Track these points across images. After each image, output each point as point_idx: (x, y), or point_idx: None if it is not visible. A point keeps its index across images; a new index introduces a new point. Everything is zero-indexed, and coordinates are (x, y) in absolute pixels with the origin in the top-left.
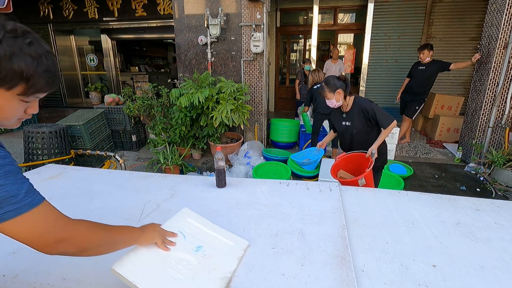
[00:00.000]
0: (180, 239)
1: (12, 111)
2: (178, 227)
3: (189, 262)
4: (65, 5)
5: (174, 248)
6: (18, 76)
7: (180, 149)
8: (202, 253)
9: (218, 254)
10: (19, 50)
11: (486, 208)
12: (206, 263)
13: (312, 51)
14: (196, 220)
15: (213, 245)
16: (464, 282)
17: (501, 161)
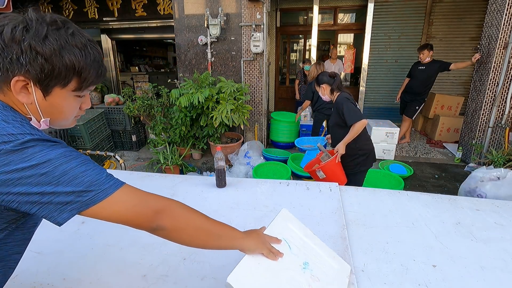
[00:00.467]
0: (286, 250)
1: (70, 110)
2: (281, 234)
3: (300, 284)
4: (65, 5)
5: (283, 262)
6: (72, 71)
7: (180, 149)
8: (310, 273)
9: (325, 277)
10: (65, 43)
11: (486, 208)
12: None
13: (312, 51)
14: (295, 227)
15: (318, 264)
16: (464, 282)
17: (501, 161)
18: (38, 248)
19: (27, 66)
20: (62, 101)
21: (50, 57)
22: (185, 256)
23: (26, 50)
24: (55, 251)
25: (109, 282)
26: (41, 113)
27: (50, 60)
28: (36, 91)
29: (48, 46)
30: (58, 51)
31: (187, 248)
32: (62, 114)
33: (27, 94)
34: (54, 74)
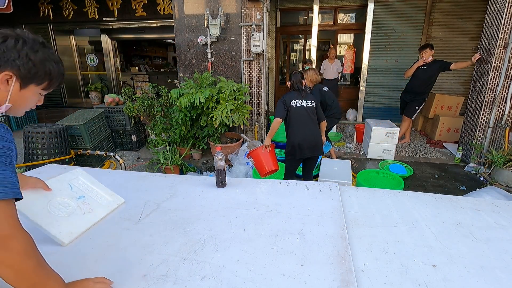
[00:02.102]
0: (68, 190)
1: (32, 102)
2: (67, 181)
3: (69, 204)
4: (65, 5)
5: (60, 194)
6: (48, 75)
7: (180, 149)
8: (83, 201)
9: (96, 203)
10: (48, 57)
11: (486, 208)
12: (83, 207)
13: (312, 51)
14: (86, 179)
15: (93, 197)
16: (464, 282)
17: (501, 161)
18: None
19: (19, 66)
20: (31, 95)
21: (37, 63)
22: (185, 256)
23: (22, 56)
24: (55, 251)
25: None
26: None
27: (37, 65)
28: (15, 84)
29: (38, 57)
30: (43, 60)
31: (187, 248)
32: (25, 104)
33: (5, 86)
34: (36, 75)
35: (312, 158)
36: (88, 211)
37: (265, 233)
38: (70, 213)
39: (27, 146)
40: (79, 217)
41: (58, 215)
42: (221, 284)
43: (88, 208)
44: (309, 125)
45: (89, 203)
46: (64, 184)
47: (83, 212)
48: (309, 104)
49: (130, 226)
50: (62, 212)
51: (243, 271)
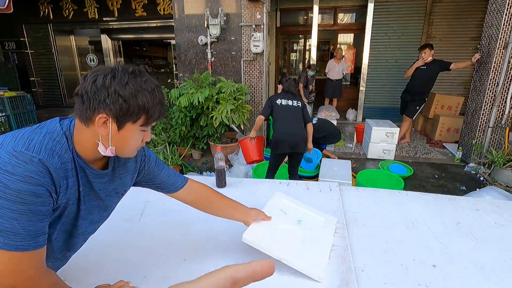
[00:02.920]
0: (283, 216)
1: (135, 141)
2: (277, 207)
3: (294, 231)
4: (65, 5)
5: (281, 223)
6: (142, 110)
7: (180, 149)
8: (304, 225)
9: (316, 226)
10: (140, 88)
11: (486, 208)
12: (310, 232)
13: (312, 51)
14: (289, 201)
15: (310, 220)
16: (464, 282)
17: (501, 161)
18: None
19: (110, 106)
20: (131, 134)
21: (128, 99)
22: (185, 257)
23: (111, 94)
24: None
25: (110, 282)
26: (111, 143)
27: (128, 101)
28: (112, 125)
29: (128, 90)
30: (135, 94)
31: (187, 249)
32: (128, 145)
33: (105, 128)
34: (129, 112)
35: (295, 155)
36: (316, 236)
37: None
38: (302, 240)
39: None
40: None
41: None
42: None
43: (314, 233)
44: (291, 122)
45: (310, 228)
46: (276, 211)
47: (313, 238)
48: (295, 104)
49: (130, 226)
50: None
51: None
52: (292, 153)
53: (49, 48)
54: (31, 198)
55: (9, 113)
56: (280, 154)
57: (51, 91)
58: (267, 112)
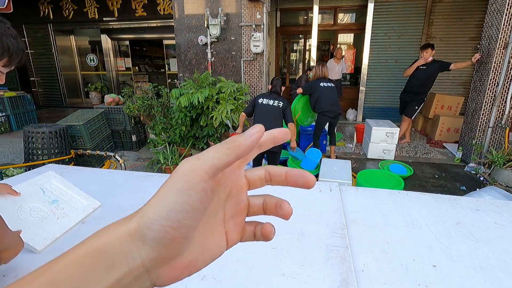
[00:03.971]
0: (40, 194)
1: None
2: (39, 185)
3: (41, 209)
4: (65, 5)
5: (31, 199)
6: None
7: (180, 149)
8: (56, 205)
9: (70, 207)
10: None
11: (486, 208)
12: (57, 212)
13: (312, 51)
14: (59, 182)
15: (68, 200)
16: (464, 282)
17: (501, 161)
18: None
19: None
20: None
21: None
22: None
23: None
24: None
25: None
26: None
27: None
28: None
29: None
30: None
31: None
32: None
33: None
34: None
35: (270, 154)
36: (62, 215)
37: None
38: (43, 218)
39: (27, 146)
40: (53, 222)
41: (30, 221)
42: (221, 284)
43: (62, 213)
44: (268, 121)
45: (63, 207)
46: (35, 188)
47: (56, 217)
48: (276, 104)
49: None
50: (34, 218)
51: (243, 271)
52: (268, 151)
53: (49, 48)
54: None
55: (9, 113)
56: None
57: (51, 91)
58: (249, 110)
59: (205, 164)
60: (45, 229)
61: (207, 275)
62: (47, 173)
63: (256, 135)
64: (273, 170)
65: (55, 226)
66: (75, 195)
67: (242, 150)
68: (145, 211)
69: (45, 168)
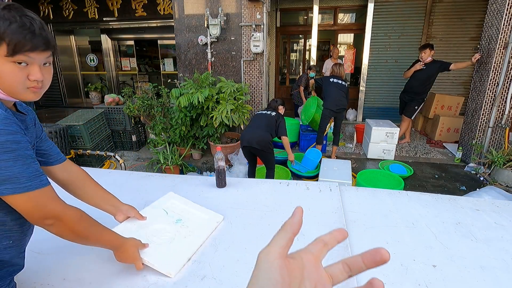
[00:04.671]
0: (164, 216)
1: (12, 77)
2: (161, 207)
3: (167, 230)
4: (65, 5)
5: (158, 222)
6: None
7: (180, 149)
8: (181, 224)
9: (195, 224)
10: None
11: (486, 208)
12: (183, 231)
13: (312, 51)
14: (179, 201)
15: (191, 218)
16: (464, 282)
17: (501, 161)
18: (38, 248)
19: None
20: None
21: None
22: None
23: None
24: (55, 251)
25: (109, 282)
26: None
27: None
28: None
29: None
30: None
31: None
32: (7, 81)
33: None
34: None
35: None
36: (189, 234)
37: (265, 233)
38: (171, 239)
39: None
40: (181, 242)
41: (159, 243)
42: (221, 284)
43: (188, 231)
44: (257, 124)
45: (188, 225)
46: (158, 210)
47: (184, 237)
48: (268, 113)
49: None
50: (162, 240)
51: (244, 271)
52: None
53: None
54: (14, 146)
55: None
56: (243, 147)
57: (51, 91)
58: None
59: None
60: (176, 250)
61: (207, 275)
62: (168, 195)
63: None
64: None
65: (184, 246)
66: (196, 212)
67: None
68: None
69: None
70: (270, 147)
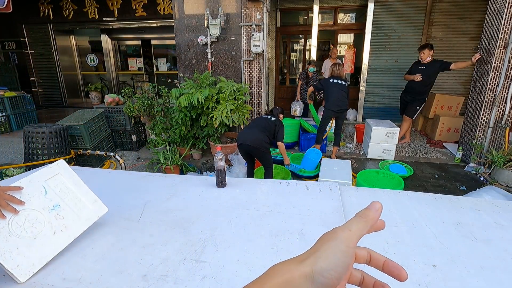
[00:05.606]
0: (41, 195)
1: None
2: (43, 181)
3: (39, 220)
4: (65, 5)
5: (31, 203)
6: None
7: (180, 149)
8: (57, 212)
9: (72, 216)
10: None
11: (486, 208)
12: (56, 224)
13: (312, 51)
14: (67, 177)
15: (71, 206)
16: (464, 282)
17: (501, 161)
18: None
19: None
20: None
21: None
22: (185, 256)
23: None
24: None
25: (109, 282)
26: None
27: None
28: None
29: None
30: None
31: (187, 248)
32: None
33: None
34: None
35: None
36: (60, 229)
37: (265, 233)
38: (37, 233)
39: (27, 146)
40: (48, 239)
41: (22, 237)
42: (221, 284)
43: (60, 225)
44: (256, 127)
45: (64, 216)
46: (37, 185)
47: (53, 232)
48: (268, 117)
49: (130, 226)
50: (27, 233)
51: (243, 271)
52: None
53: (49, 48)
54: None
55: (9, 113)
56: (239, 145)
57: (51, 91)
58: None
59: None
60: (37, 249)
61: (207, 275)
62: (56, 164)
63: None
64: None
65: (49, 245)
66: (82, 197)
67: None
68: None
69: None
70: (265, 146)
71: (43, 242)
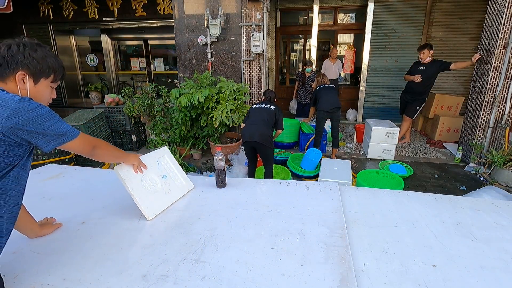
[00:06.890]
0: (156, 167)
1: (47, 95)
2: (157, 158)
3: (156, 182)
4: (65, 5)
5: (151, 170)
6: (52, 69)
7: (180, 149)
8: (166, 180)
9: (174, 185)
10: (47, 53)
11: (486, 208)
12: (165, 187)
13: (312, 51)
14: (169, 158)
15: (173, 178)
16: (464, 282)
17: (501, 161)
18: (38, 248)
19: (27, 65)
20: (44, 88)
21: (40, 60)
22: (185, 256)
23: (27, 57)
24: (55, 251)
25: (109, 282)
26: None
27: (40, 62)
28: (29, 81)
29: (38, 54)
30: (44, 57)
31: (187, 248)
32: (42, 97)
33: (23, 83)
34: (42, 70)
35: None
36: (167, 191)
37: (265, 233)
38: (156, 191)
39: None
40: (161, 196)
41: (148, 190)
42: (221, 284)
43: (168, 189)
44: (257, 119)
45: (169, 183)
46: (153, 160)
47: (164, 192)
48: (267, 106)
49: (131, 226)
50: (151, 189)
51: (243, 271)
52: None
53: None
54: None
55: None
56: (245, 142)
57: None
58: (245, 119)
59: None
60: (157, 201)
61: (207, 275)
62: (162, 149)
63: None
64: None
65: (162, 200)
66: (178, 174)
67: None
68: None
69: (45, 168)
70: (270, 142)
71: (158, 197)
